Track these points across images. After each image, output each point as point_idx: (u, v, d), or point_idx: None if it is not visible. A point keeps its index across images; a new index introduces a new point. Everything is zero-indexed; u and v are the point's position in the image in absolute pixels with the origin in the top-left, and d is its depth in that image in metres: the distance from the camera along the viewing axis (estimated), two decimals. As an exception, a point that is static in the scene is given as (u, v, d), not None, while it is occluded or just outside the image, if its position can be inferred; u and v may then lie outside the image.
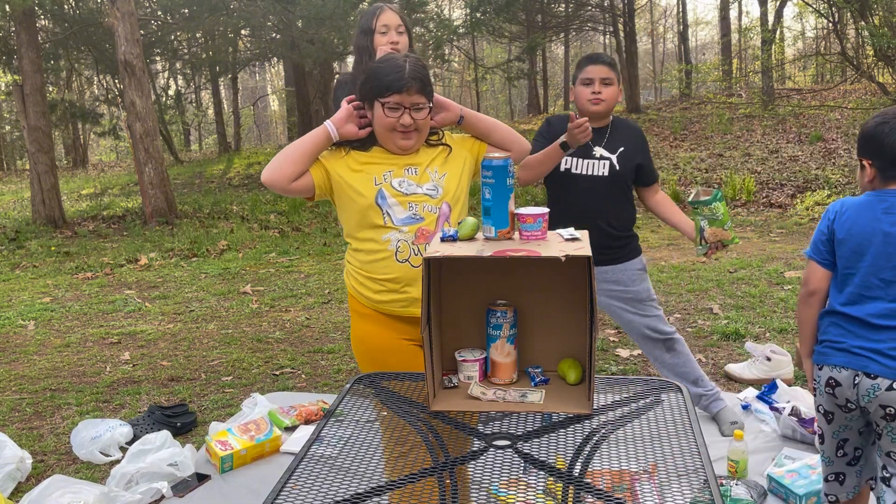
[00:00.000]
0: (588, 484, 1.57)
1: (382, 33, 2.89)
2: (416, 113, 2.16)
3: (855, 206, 2.12)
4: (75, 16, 14.56)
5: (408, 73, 2.12)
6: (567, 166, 3.17)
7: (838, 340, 2.11)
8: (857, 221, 2.10)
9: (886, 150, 2.08)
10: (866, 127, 2.15)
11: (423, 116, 2.18)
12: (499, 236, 1.74)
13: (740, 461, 2.89)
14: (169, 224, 10.48)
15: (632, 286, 3.24)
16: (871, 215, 2.09)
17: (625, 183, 3.20)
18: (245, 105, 29.82)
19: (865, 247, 2.08)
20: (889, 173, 2.10)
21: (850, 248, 2.10)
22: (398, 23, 2.91)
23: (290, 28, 13.81)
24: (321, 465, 1.64)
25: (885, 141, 2.08)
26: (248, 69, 26.32)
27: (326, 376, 4.38)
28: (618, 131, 3.23)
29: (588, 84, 3.17)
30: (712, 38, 32.29)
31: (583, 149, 3.17)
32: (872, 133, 2.11)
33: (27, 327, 5.74)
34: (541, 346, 1.90)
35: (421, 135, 2.22)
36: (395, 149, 2.21)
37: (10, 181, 19.28)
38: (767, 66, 15.16)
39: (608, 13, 19.19)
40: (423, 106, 2.17)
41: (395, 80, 2.12)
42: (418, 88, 2.13)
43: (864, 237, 2.08)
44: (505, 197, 1.73)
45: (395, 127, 2.17)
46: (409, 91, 2.12)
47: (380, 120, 2.18)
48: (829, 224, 2.15)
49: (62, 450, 3.56)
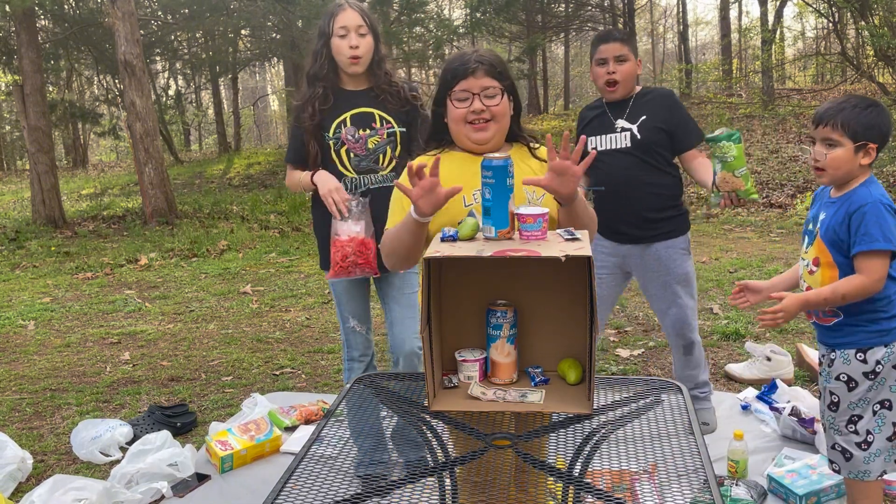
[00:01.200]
0: (588, 484, 1.57)
1: (341, 36, 2.64)
2: (487, 99, 1.97)
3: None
4: (75, 16, 14.56)
5: (474, 57, 1.98)
6: (592, 146, 3.15)
7: None
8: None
9: (885, 132, 2.20)
10: (876, 114, 2.19)
11: (496, 103, 1.97)
12: (499, 236, 1.74)
13: (740, 461, 2.89)
14: (169, 224, 10.48)
15: (673, 267, 3.15)
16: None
17: (652, 152, 3.09)
18: (245, 105, 29.81)
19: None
20: (882, 149, 2.25)
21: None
22: (359, 23, 2.65)
23: (290, 28, 13.81)
24: (321, 465, 1.64)
25: (885, 124, 2.19)
26: (248, 69, 26.31)
27: (326, 376, 4.38)
28: (641, 101, 3.14)
29: (602, 64, 3.11)
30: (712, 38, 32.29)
31: (604, 124, 3.14)
32: (879, 118, 2.20)
33: (27, 327, 5.74)
34: (541, 346, 1.90)
35: (499, 126, 2.00)
36: (472, 145, 2.01)
37: (10, 181, 19.28)
38: (767, 66, 15.15)
39: (608, 13, 19.19)
40: (495, 91, 1.97)
41: (460, 65, 1.97)
42: (486, 71, 1.96)
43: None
44: (505, 197, 1.73)
45: (466, 118, 1.98)
46: (476, 74, 1.95)
47: (452, 115, 2.00)
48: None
49: (62, 450, 3.56)
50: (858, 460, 2.29)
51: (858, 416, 2.27)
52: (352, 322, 2.91)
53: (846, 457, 2.31)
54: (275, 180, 14.77)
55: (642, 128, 3.10)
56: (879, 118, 2.20)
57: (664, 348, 4.45)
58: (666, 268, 3.16)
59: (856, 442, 2.28)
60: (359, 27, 2.64)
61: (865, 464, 2.27)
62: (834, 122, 2.21)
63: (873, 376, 2.23)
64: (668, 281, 3.17)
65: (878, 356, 2.22)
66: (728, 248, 7.18)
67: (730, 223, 8.68)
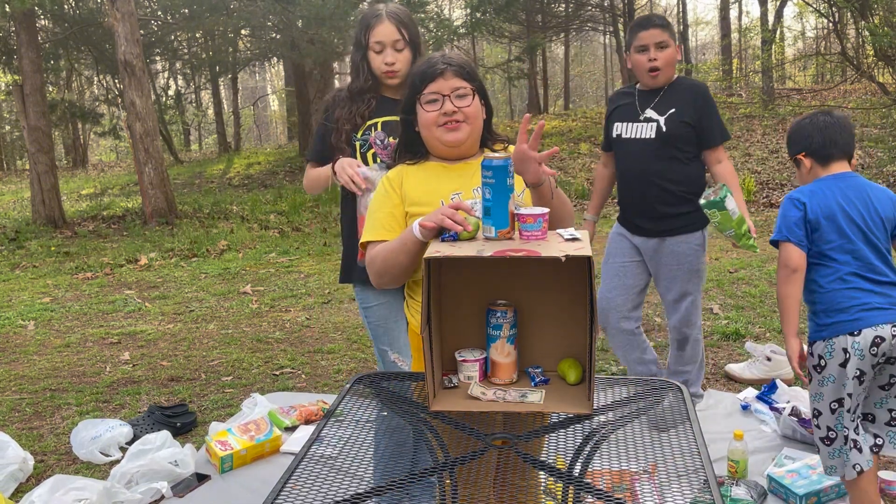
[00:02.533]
0: (588, 484, 1.57)
1: (377, 52, 2.50)
2: (458, 100, 1.92)
3: (821, 191, 2.36)
4: (75, 16, 14.56)
5: (441, 59, 1.93)
6: (618, 132, 3.15)
7: (865, 302, 2.27)
8: (828, 201, 2.34)
9: (815, 136, 2.40)
10: (791, 129, 2.48)
11: (467, 104, 1.93)
12: (499, 236, 1.74)
13: (740, 461, 2.89)
14: (169, 224, 10.48)
15: (687, 263, 3.15)
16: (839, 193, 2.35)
17: (677, 144, 3.08)
18: (245, 105, 29.82)
19: (846, 219, 2.32)
20: (823, 153, 2.40)
21: (835, 224, 2.32)
22: (395, 38, 2.47)
23: (290, 28, 13.81)
24: (321, 465, 1.64)
25: (810, 130, 2.41)
26: (248, 69, 26.31)
27: (326, 376, 4.38)
28: (673, 92, 3.11)
29: (643, 51, 3.06)
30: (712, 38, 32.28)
31: (632, 112, 3.13)
32: (798, 130, 2.45)
33: (27, 327, 5.73)
34: (541, 346, 1.90)
35: (472, 127, 1.96)
36: (445, 150, 1.97)
37: (10, 181, 19.28)
38: (767, 65, 15.15)
39: (608, 13, 19.19)
40: (465, 91, 1.93)
41: (427, 68, 1.93)
42: (455, 72, 1.92)
43: (843, 211, 2.33)
44: (505, 197, 1.73)
45: (437, 121, 1.93)
46: (445, 75, 1.91)
47: (423, 120, 1.96)
48: (803, 209, 2.35)
49: (62, 450, 3.56)
50: (825, 455, 2.36)
51: (817, 410, 2.34)
52: (392, 356, 2.63)
53: (817, 450, 2.41)
54: (275, 180, 14.77)
55: (669, 121, 3.07)
56: (792, 133, 2.48)
57: (664, 348, 4.45)
58: (679, 263, 3.16)
59: (819, 437, 2.36)
60: (395, 42, 2.48)
61: (830, 458, 2.33)
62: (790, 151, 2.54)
63: (819, 370, 2.31)
64: (680, 276, 3.18)
65: (819, 350, 2.31)
66: (728, 248, 7.18)
67: (730, 223, 8.67)
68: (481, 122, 2.00)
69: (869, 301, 2.26)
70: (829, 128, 2.39)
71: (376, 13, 2.52)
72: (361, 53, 2.53)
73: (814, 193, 2.36)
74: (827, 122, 2.40)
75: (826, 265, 2.33)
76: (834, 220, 2.32)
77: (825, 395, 2.32)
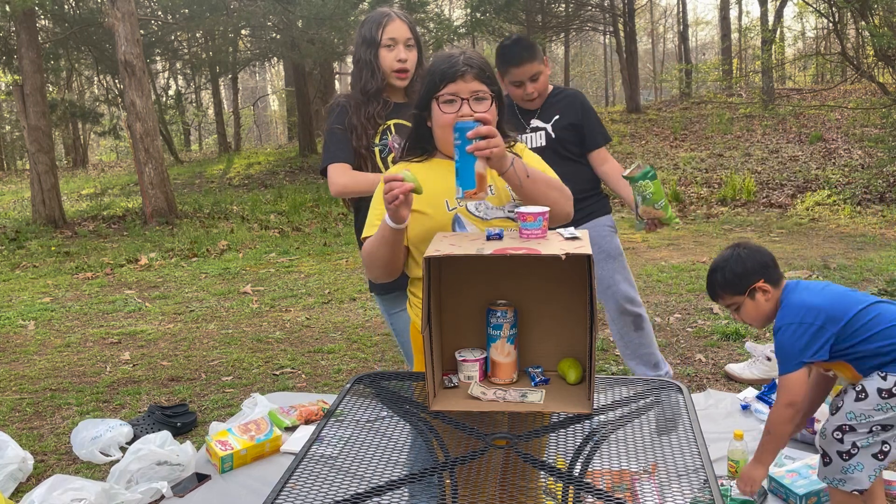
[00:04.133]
0: (588, 484, 1.57)
1: (388, 47, 2.50)
2: (476, 104, 1.90)
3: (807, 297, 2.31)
4: (75, 16, 14.56)
5: (462, 60, 1.90)
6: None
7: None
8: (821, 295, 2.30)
9: (758, 261, 2.35)
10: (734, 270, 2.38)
11: (484, 109, 1.90)
12: (465, 196, 1.75)
13: (740, 461, 2.89)
14: (169, 224, 10.48)
15: (602, 243, 3.29)
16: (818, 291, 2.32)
17: (566, 148, 3.21)
18: (245, 105, 29.82)
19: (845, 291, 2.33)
20: (774, 275, 2.36)
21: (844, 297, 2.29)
22: (408, 35, 2.52)
23: (290, 28, 13.81)
24: (321, 465, 1.64)
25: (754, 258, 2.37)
26: (248, 69, 26.31)
27: (326, 376, 4.38)
28: (553, 101, 3.24)
29: (519, 86, 3.15)
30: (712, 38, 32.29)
31: (519, 125, 3.20)
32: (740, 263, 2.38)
33: (27, 327, 5.74)
34: (541, 346, 1.90)
35: None
36: None
37: (10, 181, 19.28)
38: (767, 65, 15.16)
39: (608, 13, 19.19)
40: (483, 95, 1.91)
41: (448, 67, 1.89)
42: (475, 75, 1.89)
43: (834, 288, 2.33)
44: (471, 158, 1.73)
45: (453, 123, 1.88)
46: (465, 78, 1.88)
47: (438, 120, 1.93)
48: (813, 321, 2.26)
49: (62, 450, 3.56)
50: (835, 468, 2.29)
51: (851, 427, 2.26)
52: None
53: (825, 461, 2.32)
54: (275, 180, 14.78)
55: (556, 126, 3.20)
56: (742, 262, 2.39)
57: (664, 348, 4.45)
58: (598, 245, 3.27)
59: (838, 450, 2.28)
60: (407, 39, 2.51)
61: (843, 473, 2.27)
62: (717, 295, 2.46)
63: (887, 395, 2.22)
64: (601, 258, 3.29)
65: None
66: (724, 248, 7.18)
67: (730, 223, 8.68)
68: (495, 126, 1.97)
69: None
70: (751, 253, 2.39)
71: (387, 13, 2.53)
72: (374, 51, 2.51)
73: (802, 301, 2.31)
74: (740, 252, 2.40)
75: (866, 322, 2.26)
76: (843, 297, 2.29)
77: (872, 418, 2.24)
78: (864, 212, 8.64)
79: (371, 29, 2.52)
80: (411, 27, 2.53)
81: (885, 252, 6.60)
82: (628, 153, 13.44)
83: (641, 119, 16.03)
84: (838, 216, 8.61)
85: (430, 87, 1.93)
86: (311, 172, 15.64)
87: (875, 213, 8.56)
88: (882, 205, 8.79)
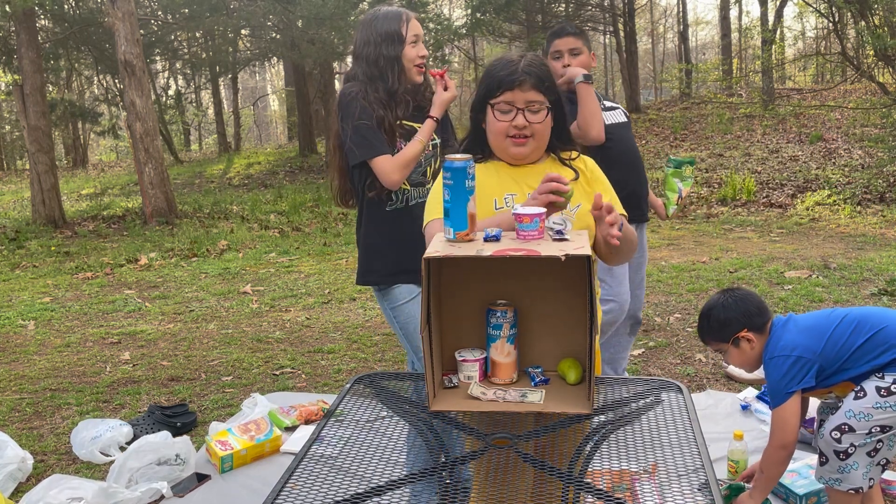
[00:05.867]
0: (588, 484, 1.57)
1: (413, 44, 2.53)
2: (531, 114, 1.88)
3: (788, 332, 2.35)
4: (75, 16, 14.56)
5: (521, 67, 1.86)
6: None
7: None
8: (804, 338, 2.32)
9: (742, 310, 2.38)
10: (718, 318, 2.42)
11: (539, 119, 1.89)
12: (457, 238, 1.73)
13: (740, 461, 2.89)
14: (169, 224, 10.48)
15: (646, 251, 3.45)
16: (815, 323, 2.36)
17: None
18: (245, 105, 29.82)
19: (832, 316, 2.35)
20: (758, 323, 2.39)
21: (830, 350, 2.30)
22: (422, 33, 2.61)
23: (290, 28, 13.81)
24: (321, 465, 1.64)
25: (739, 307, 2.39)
26: (248, 69, 26.32)
27: (326, 376, 4.38)
28: None
29: (557, 58, 3.19)
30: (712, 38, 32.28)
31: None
32: (721, 316, 2.41)
33: (27, 327, 5.74)
34: (541, 346, 1.90)
35: (538, 142, 1.93)
36: (509, 158, 1.95)
37: (10, 181, 19.28)
38: (768, 65, 15.15)
39: (608, 13, 19.19)
40: (539, 107, 1.88)
41: (507, 75, 1.86)
42: (533, 84, 1.86)
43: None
44: (463, 199, 1.71)
45: (507, 132, 1.89)
46: (523, 87, 1.86)
47: (492, 126, 1.92)
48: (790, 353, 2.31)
49: (62, 450, 3.56)
50: (831, 467, 2.30)
51: (850, 427, 2.27)
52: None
53: (822, 461, 2.33)
54: (275, 180, 14.78)
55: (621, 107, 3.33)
56: (727, 311, 2.41)
57: (664, 348, 4.46)
58: (643, 251, 3.34)
59: (835, 450, 2.29)
60: (423, 35, 2.60)
61: (839, 472, 2.28)
62: (705, 341, 2.51)
63: (885, 394, 2.23)
64: (642, 263, 3.36)
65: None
66: (728, 248, 7.19)
67: (730, 223, 8.68)
68: (548, 135, 1.96)
69: None
70: (738, 300, 2.41)
71: (404, 10, 2.56)
72: (400, 48, 2.51)
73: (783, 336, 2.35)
74: (724, 298, 2.43)
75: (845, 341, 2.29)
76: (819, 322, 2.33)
77: (872, 417, 2.24)
78: (865, 212, 8.64)
79: (394, 25, 2.51)
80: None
81: (885, 252, 6.60)
82: (628, 153, 13.41)
83: (641, 119, 16.03)
84: (838, 216, 8.61)
85: (487, 92, 1.91)
86: (311, 172, 15.65)
87: (875, 212, 8.56)
88: (882, 205, 8.79)
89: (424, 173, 2.61)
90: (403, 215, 2.58)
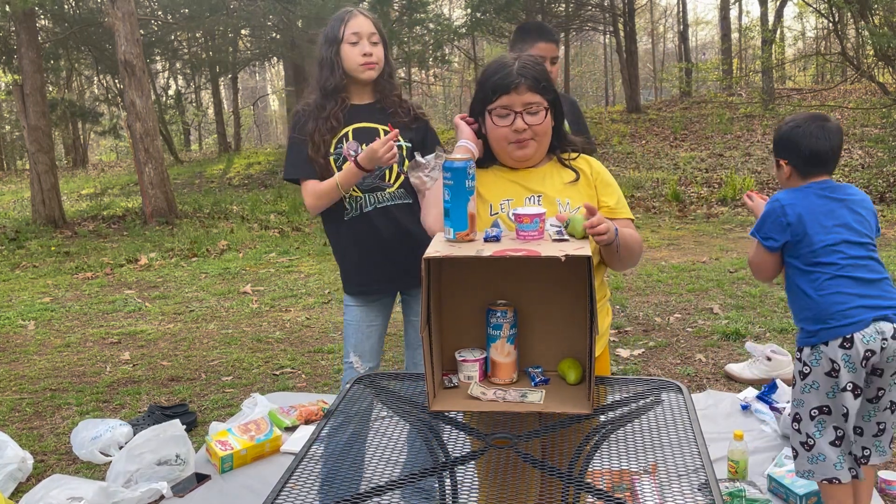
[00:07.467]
0: (588, 484, 1.57)
1: (353, 43, 2.45)
2: (530, 116, 1.86)
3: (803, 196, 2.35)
4: (75, 16, 14.57)
5: (516, 70, 1.84)
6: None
7: (855, 305, 2.24)
8: (810, 206, 2.32)
9: (802, 150, 2.36)
10: (781, 131, 2.43)
11: (539, 121, 1.87)
12: (457, 238, 1.73)
13: (740, 461, 2.89)
14: (169, 224, 10.48)
15: None
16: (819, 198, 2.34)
17: None
18: (245, 105, 29.81)
19: (829, 220, 2.31)
20: (804, 170, 2.39)
21: (818, 226, 2.30)
22: (371, 30, 2.46)
23: (290, 28, 13.81)
24: (321, 465, 1.64)
25: (801, 143, 2.36)
26: (248, 69, 26.32)
27: (326, 376, 4.38)
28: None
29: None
30: (712, 38, 32.28)
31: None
32: (788, 136, 2.39)
33: (27, 327, 5.74)
34: (541, 346, 1.90)
35: (540, 144, 1.92)
36: (512, 162, 1.93)
37: (10, 181, 19.28)
38: (768, 65, 15.16)
39: (608, 13, 19.19)
40: (538, 108, 1.86)
41: (501, 78, 1.84)
42: (529, 86, 1.83)
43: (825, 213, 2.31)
44: (463, 199, 1.71)
45: (508, 137, 1.87)
46: (519, 90, 1.83)
47: (492, 132, 1.90)
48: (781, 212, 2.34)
49: (62, 450, 3.56)
50: (802, 459, 2.35)
51: (797, 415, 2.34)
52: (352, 357, 2.61)
53: (794, 455, 2.39)
54: (275, 180, 14.78)
55: None
56: (788, 132, 2.41)
57: (664, 348, 4.46)
58: None
59: (799, 441, 2.36)
60: (371, 34, 2.47)
61: (809, 463, 2.33)
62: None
63: (802, 376, 2.31)
64: None
65: (805, 356, 2.30)
66: (728, 248, 7.19)
67: (730, 223, 8.68)
68: (550, 136, 1.95)
69: (857, 302, 2.22)
70: (819, 141, 2.34)
71: (349, 9, 2.52)
72: (336, 48, 2.46)
73: (795, 198, 2.34)
74: (818, 134, 2.34)
75: (812, 271, 2.28)
76: (816, 223, 2.29)
77: (805, 403, 2.30)
78: (864, 212, 8.63)
79: (333, 27, 2.48)
80: (375, 23, 2.50)
81: (884, 252, 6.60)
82: (628, 153, 13.44)
83: (641, 119, 16.03)
84: (838, 216, 8.60)
85: (484, 99, 1.89)
86: (311, 172, 15.59)
87: (875, 212, 8.56)
88: (882, 205, 8.79)
89: (382, 177, 2.52)
90: (360, 223, 2.52)
